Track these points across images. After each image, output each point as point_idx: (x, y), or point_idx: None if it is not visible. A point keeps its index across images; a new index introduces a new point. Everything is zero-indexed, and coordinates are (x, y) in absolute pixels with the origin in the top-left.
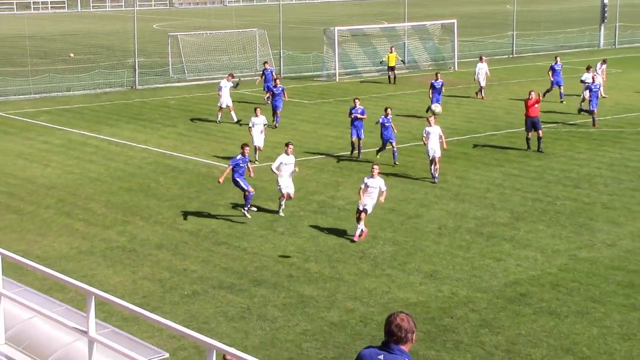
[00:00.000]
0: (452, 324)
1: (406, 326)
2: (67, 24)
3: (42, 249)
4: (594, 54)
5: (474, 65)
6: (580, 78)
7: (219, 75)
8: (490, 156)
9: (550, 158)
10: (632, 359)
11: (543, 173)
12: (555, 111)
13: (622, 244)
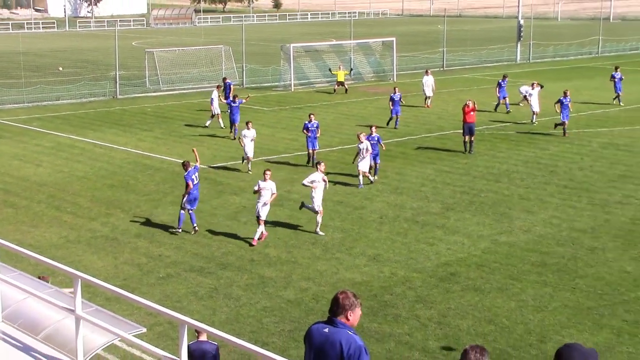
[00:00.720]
0: (392, 300)
1: (346, 302)
2: (57, 42)
3: (34, 238)
4: (511, 68)
5: (410, 77)
6: (519, 89)
7: (190, 86)
8: (425, 155)
9: (475, 156)
10: (544, 327)
11: (469, 169)
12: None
13: (536, 230)
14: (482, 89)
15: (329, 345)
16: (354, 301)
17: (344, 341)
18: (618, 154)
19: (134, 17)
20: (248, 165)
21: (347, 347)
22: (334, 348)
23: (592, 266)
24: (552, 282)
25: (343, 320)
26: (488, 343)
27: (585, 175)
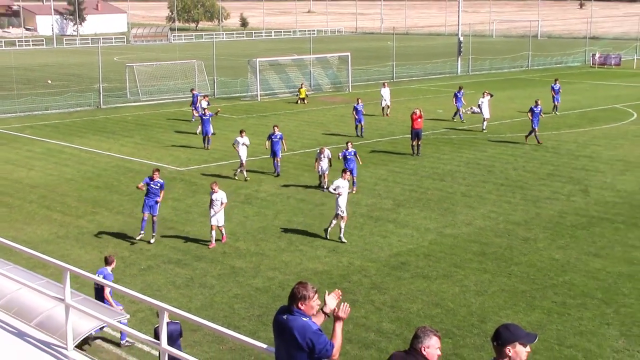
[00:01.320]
0: (350, 287)
1: (301, 293)
2: (45, 57)
3: (27, 234)
4: (453, 79)
5: (364, 87)
6: (478, 102)
7: (167, 97)
8: (377, 158)
9: (422, 158)
10: (484, 309)
11: (417, 170)
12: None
13: (476, 223)
14: (427, 98)
15: (288, 332)
16: (305, 293)
17: (300, 328)
18: (547, 155)
19: (115, 35)
20: (244, 173)
21: (301, 332)
22: (292, 335)
23: (525, 254)
24: (490, 269)
25: (297, 308)
26: (435, 324)
27: (519, 174)
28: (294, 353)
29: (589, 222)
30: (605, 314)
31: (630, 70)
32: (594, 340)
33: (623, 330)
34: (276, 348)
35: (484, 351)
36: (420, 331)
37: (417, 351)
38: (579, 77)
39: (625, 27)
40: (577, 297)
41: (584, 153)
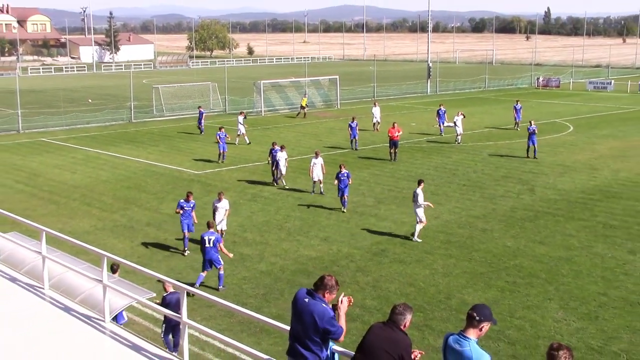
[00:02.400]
0: (338, 270)
1: (329, 283)
2: (87, 81)
3: (71, 227)
4: (424, 98)
5: (350, 104)
6: (453, 119)
7: (187, 113)
8: (361, 163)
9: (399, 163)
10: (449, 288)
11: (394, 173)
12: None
13: (443, 217)
14: (402, 114)
15: (307, 313)
16: (334, 285)
17: (319, 312)
18: (501, 160)
19: (144, 61)
20: (282, 181)
21: (321, 317)
22: (312, 317)
23: (484, 243)
24: (455, 255)
25: (321, 295)
26: (409, 300)
27: (478, 176)
28: (310, 332)
29: (535, 215)
30: (547, 291)
31: (567, 91)
32: (538, 312)
33: (562, 304)
34: (293, 324)
35: (450, 322)
36: (403, 308)
37: (396, 324)
38: (526, 97)
39: (563, 56)
40: (525, 277)
41: (531, 159)
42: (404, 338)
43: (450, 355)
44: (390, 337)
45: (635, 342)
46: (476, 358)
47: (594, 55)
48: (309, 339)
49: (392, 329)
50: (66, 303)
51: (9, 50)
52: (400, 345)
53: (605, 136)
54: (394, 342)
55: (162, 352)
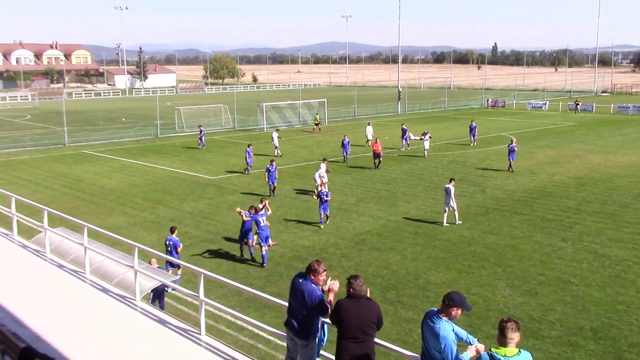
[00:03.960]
0: (327, 256)
1: (314, 267)
2: (121, 103)
3: (108, 222)
4: (395, 117)
5: (336, 122)
6: (421, 136)
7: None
8: (345, 169)
9: (375, 170)
10: (417, 270)
11: (372, 177)
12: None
13: (412, 213)
14: (378, 130)
15: (300, 293)
16: (318, 269)
17: (308, 292)
18: (457, 167)
19: (167, 87)
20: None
21: (310, 295)
22: (302, 295)
23: (444, 233)
24: (421, 243)
25: (311, 277)
26: (384, 280)
27: (440, 179)
28: (301, 308)
29: (486, 211)
30: (496, 272)
31: (511, 110)
32: (489, 290)
33: (508, 283)
34: (289, 301)
35: (417, 298)
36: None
37: (362, 295)
38: (478, 115)
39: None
40: (478, 261)
41: (482, 165)
42: (373, 303)
43: (426, 330)
44: (367, 308)
45: (566, 312)
46: (443, 335)
47: (532, 81)
48: (301, 314)
49: (362, 300)
50: (104, 285)
51: (57, 79)
52: (374, 310)
53: (542, 146)
54: (372, 310)
55: (183, 325)
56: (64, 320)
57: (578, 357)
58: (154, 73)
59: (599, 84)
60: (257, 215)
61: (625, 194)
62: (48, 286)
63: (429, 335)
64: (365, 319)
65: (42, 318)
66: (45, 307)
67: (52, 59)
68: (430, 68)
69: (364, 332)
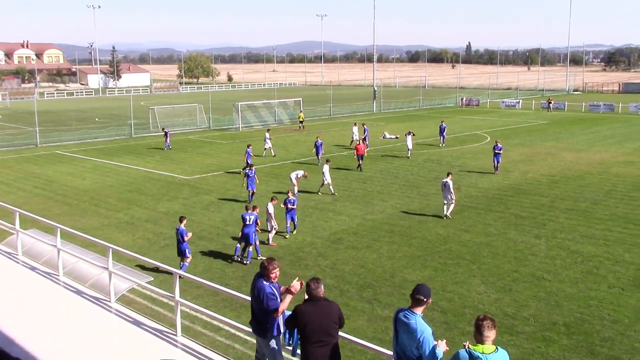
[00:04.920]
0: (303, 255)
1: (263, 265)
2: (94, 103)
3: (82, 224)
4: (371, 115)
5: (312, 121)
6: (394, 135)
7: (177, 129)
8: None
9: (352, 168)
10: (393, 268)
11: (347, 176)
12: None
13: (387, 211)
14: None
15: (256, 290)
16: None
17: (259, 288)
18: (432, 165)
19: (141, 87)
20: (331, 189)
21: (260, 292)
22: (257, 294)
23: (420, 231)
24: (397, 241)
25: (265, 276)
26: (361, 279)
27: (415, 178)
28: (256, 303)
29: (461, 209)
30: (471, 269)
31: (485, 109)
32: (464, 287)
33: (483, 280)
34: (251, 301)
35: (393, 296)
36: (316, 282)
37: (320, 297)
38: (452, 114)
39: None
40: (454, 259)
41: (457, 163)
42: (333, 303)
43: (400, 327)
44: (327, 309)
45: (540, 308)
46: (420, 330)
47: (506, 80)
48: (259, 312)
49: (320, 302)
50: (78, 287)
51: (29, 78)
52: (334, 310)
53: (516, 145)
54: (332, 311)
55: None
56: (37, 323)
57: (552, 352)
58: (128, 72)
59: (571, 83)
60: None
61: (597, 191)
62: (20, 289)
63: (404, 332)
64: (328, 320)
65: (14, 321)
66: (18, 310)
67: (23, 58)
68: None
69: (328, 334)
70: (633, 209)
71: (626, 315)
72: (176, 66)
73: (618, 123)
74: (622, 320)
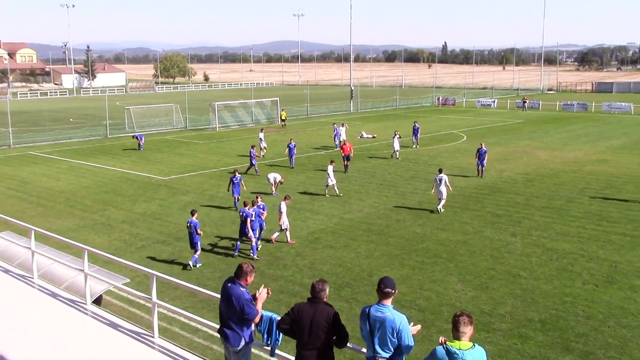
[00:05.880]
0: (281, 255)
1: (244, 270)
2: (68, 103)
3: (57, 226)
4: (348, 115)
5: (288, 121)
6: (372, 135)
7: (154, 129)
8: (298, 168)
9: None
10: (371, 267)
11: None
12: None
13: (365, 210)
14: (331, 128)
15: (228, 297)
16: (247, 271)
17: (236, 295)
18: (410, 164)
19: (117, 87)
20: (335, 190)
21: (238, 299)
22: (230, 298)
23: (397, 230)
24: (375, 240)
25: (240, 281)
26: (339, 278)
27: (392, 177)
28: (230, 311)
29: None
30: (449, 267)
31: (461, 108)
32: (442, 285)
33: (460, 278)
34: (220, 307)
35: (372, 295)
36: (321, 284)
37: (320, 299)
38: (429, 113)
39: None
40: (431, 257)
41: (434, 162)
42: (330, 308)
43: (374, 323)
44: (322, 312)
45: (516, 305)
46: (398, 319)
47: (481, 79)
48: (231, 319)
49: (318, 304)
50: (53, 290)
51: (1, 78)
52: (331, 314)
53: (492, 143)
54: (325, 314)
55: (136, 328)
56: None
57: (528, 348)
58: (103, 72)
59: (545, 82)
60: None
61: (571, 189)
62: None
63: (380, 326)
64: (319, 323)
65: None
66: None
67: None
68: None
69: (318, 338)
70: (606, 207)
71: (600, 311)
72: (152, 66)
73: (591, 122)
74: (596, 316)
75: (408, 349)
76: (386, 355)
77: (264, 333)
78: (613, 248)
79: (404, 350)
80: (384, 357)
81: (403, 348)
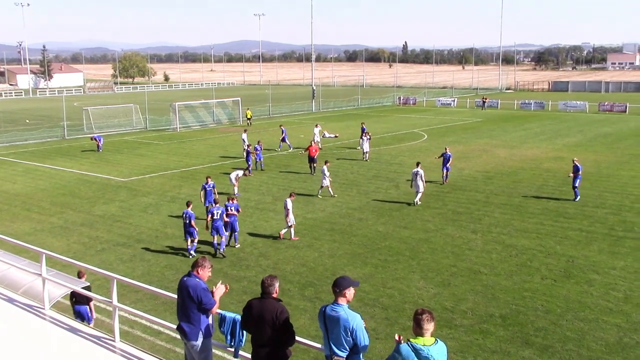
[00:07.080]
0: (244, 256)
1: (200, 262)
2: (24, 104)
3: (13, 229)
4: (310, 114)
5: (253, 120)
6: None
7: (112, 130)
8: (267, 167)
9: (291, 167)
10: (334, 266)
11: (287, 176)
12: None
13: (328, 210)
14: (292, 128)
15: (185, 289)
16: (204, 264)
17: (192, 285)
18: (372, 163)
19: (74, 87)
20: (330, 191)
21: (194, 289)
22: (187, 290)
23: (360, 229)
24: (338, 239)
25: (195, 273)
26: (302, 278)
27: (354, 176)
28: (187, 303)
29: (400, 206)
30: (411, 265)
31: (422, 107)
32: (404, 283)
33: (422, 275)
34: (177, 304)
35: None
36: (270, 280)
37: (269, 294)
38: (390, 112)
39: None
40: (394, 256)
41: (395, 161)
42: (278, 304)
43: (329, 322)
44: (268, 307)
45: (478, 301)
46: (351, 318)
47: (441, 79)
48: (188, 313)
49: (266, 300)
50: (10, 295)
51: None
52: (278, 310)
53: (452, 142)
54: (271, 310)
55: (96, 332)
56: None
57: (489, 343)
58: (60, 72)
59: (503, 82)
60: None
61: (529, 186)
62: None
63: (335, 325)
64: (265, 318)
65: None
66: None
67: None
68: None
69: (265, 333)
70: (563, 203)
71: (558, 305)
72: (110, 66)
73: (548, 120)
74: (554, 310)
75: (364, 349)
76: (342, 354)
77: (227, 334)
78: (570, 243)
79: (360, 349)
80: (340, 356)
81: (359, 348)
